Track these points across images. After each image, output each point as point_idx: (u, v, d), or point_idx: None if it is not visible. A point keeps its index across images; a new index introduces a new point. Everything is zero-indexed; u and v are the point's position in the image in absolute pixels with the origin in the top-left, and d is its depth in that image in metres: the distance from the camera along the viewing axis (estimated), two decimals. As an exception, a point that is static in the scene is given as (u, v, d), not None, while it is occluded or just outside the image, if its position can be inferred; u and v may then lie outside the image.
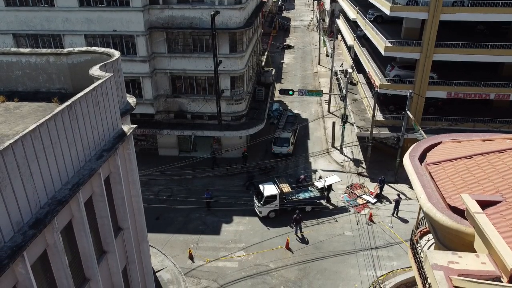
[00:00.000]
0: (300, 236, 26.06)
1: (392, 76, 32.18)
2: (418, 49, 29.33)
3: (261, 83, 41.21)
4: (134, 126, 12.61)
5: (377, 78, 31.90)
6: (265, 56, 54.98)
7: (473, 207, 9.39)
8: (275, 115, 41.65)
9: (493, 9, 27.10)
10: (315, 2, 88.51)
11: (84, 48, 14.34)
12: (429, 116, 31.94)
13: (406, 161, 13.73)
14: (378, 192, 29.38)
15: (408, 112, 28.32)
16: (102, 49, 14.12)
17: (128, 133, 11.99)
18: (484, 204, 9.95)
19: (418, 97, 30.60)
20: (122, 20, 28.67)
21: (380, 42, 30.83)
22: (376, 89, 31.40)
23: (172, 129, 32.46)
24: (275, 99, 45.61)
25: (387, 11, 29.24)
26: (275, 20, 79.27)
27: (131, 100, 14.31)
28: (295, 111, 43.23)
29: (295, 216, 25.71)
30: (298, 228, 26.12)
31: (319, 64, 59.84)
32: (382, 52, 30.28)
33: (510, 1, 26.92)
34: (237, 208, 28.09)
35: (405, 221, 27.13)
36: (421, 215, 16.92)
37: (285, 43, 70.99)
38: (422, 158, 14.21)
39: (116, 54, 13.52)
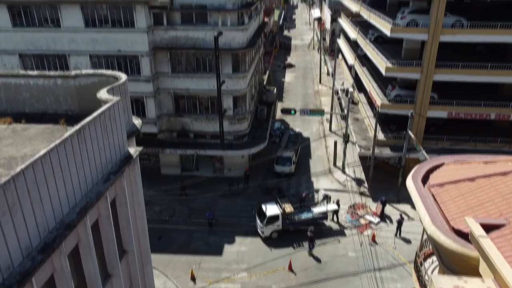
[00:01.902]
0: (311, 253, 26.00)
1: (393, 96, 32.46)
2: (418, 70, 29.68)
3: (263, 102, 41.57)
4: (140, 148, 12.73)
5: (378, 98, 32.18)
6: (266, 75, 55.58)
7: (477, 231, 9.42)
8: (276, 134, 41.86)
9: (492, 31, 27.52)
10: (316, 22, 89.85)
11: (91, 71, 14.57)
12: (431, 136, 32.09)
13: (409, 183, 13.79)
14: (381, 210, 29.32)
15: (410, 132, 28.48)
16: (109, 72, 14.34)
17: (134, 156, 12.11)
18: (488, 228, 9.98)
19: (419, 117, 30.82)
20: (127, 41, 29.14)
21: (381, 63, 31.21)
22: (377, 109, 31.64)
23: (174, 148, 32.63)
24: (276, 118, 45.91)
25: (387, 33, 29.71)
26: (276, 39, 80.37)
27: (137, 121, 14.47)
28: (297, 130, 43.48)
29: (308, 233, 25.74)
30: (311, 246, 26.07)
31: (320, 82, 60.42)
32: (383, 73, 30.63)
33: (508, 23, 27.38)
34: (239, 228, 28.00)
35: (408, 241, 26.99)
36: (425, 236, 16.90)
37: (286, 62, 71.81)
38: (425, 179, 14.27)
39: (123, 77, 13.73)
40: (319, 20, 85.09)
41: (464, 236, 10.32)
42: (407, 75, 30.67)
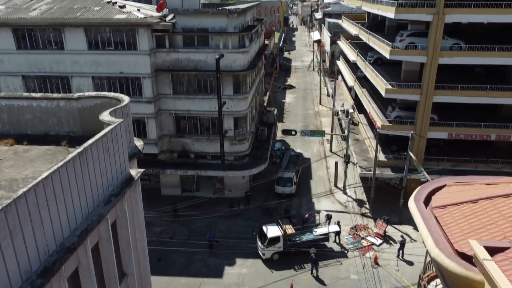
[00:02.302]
0: (315, 276, 25.63)
1: (393, 117, 32.60)
2: (418, 91, 29.91)
3: (263, 123, 41.74)
4: (142, 170, 12.72)
5: (379, 119, 32.32)
6: (267, 96, 55.99)
7: (482, 254, 9.32)
8: (277, 155, 41.87)
9: (490, 53, 27.88)
10: (315, 44, 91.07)
11: (94, 93, 14.70)
12: (431, 157, 32.07)
13: (411, 204, 13.72)
14: (385, 226, 29.01)
15: (411, 153, 28.49)
16: (112, 94, 14.47)
17: (136, 178, 12.10)
18: (492, 250, 9.89)
19: (420, 138, 30.88)
20: (129, 63, 29.47)
21: (381, 85, 31.48)
22: (378, 130, 31.74)
23: (175, 169, 32.58)
24: (277, 138, 46.00)
25: (387, 55, 30.08)
26: (276, 60, 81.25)
27: (139, 143, 14.49)
28: (297, 151, 43.50)
29: (311, 255, 25.51)
30: (314, 268, 25.76)
31: (320, 103, 60.82)
32: (383, 94, 30.85)
33: (506, 46, 27.76)
34: (240, 251, 27.66)
35: (411, 263, 26.66)
36: (428, 259, 16.71)
37: (286, 83, 72.43)
38: (427, 201, 14.20)
39: (126, 99, 13.84)
40: (319, 42, 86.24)
41: (468, 259, 10.21)
42: (407, 96, 30.88)
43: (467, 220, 12.28)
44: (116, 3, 30.73)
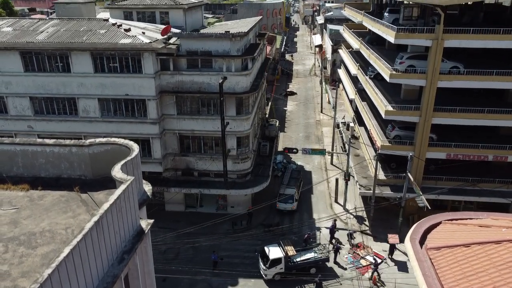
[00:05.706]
0: None
1: (393, 137, 33.19)
2: (417, 113, 30.47)
3: (265, 137, 42.28)
4: (151, 221, 13.38)
5: (379, 139, 32.90)
6: (268, 106, 56.48)
7: (472, 306, 9.98)
8: (279, 168, 42.48)
9: (488, 77, 28.40)
10: (317, 48, 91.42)
11: (104, 140, 15.35)
12: (430, 176, 32.65)
13: (408, 244, 14.36)
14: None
15: (409, 175, 29.12)
16: (122, 141, 15.10)
17: (146, 230, 12.77)
18: (483, 302, 10.54)
19: (418, 159, 31.44)
20: (135, 85, 30.11)
21: (381, 105, 32.04)
22: (377, 150, 32.33)
23: (179, 187, 33.25)
24: (279, 149, 46.53)
25: (387, 78, 30.62)
26: (278, 67, 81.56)
27: (147, 188, 15.15)
28: (299, 163, 44.10)
29: (316, 279, 26.24)
30: None
31: (321, 112, 61.38)
32: (383, 115, 31.44)
33: (504, 70, 28.28)
34: (243, 271, 28.36)
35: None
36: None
37: (288, 90, 72.95)
38: (422, 239, 14.85)
39: (135, 148, 14.45)
40: (320, 47, 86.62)
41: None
42: (406, 118, 31.41)
43: (460, 265, 12.90)
44: (121, 25, 31.34)
